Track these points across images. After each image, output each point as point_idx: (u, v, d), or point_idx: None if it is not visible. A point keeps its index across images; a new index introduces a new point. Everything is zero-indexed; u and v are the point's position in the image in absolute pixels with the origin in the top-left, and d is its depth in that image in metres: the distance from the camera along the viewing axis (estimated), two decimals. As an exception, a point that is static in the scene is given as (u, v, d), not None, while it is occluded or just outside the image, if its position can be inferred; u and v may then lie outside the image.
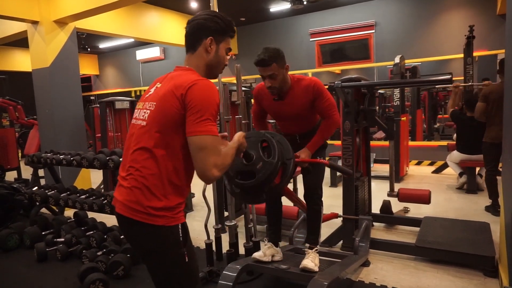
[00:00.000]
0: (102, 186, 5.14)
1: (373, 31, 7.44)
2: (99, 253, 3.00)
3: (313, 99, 2.30)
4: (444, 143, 6.37)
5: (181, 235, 1.32)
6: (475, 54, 5.40)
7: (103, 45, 10.63)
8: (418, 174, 6.08)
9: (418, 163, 6.85)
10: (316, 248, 2.39)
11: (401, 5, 7.21)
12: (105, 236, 3.29)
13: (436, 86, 7.40)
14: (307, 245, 2.47)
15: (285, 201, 2.80)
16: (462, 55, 5.42)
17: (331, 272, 2.24)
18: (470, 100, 4.53)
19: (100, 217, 3.60)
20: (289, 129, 2.49)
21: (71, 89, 5.06)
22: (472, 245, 2.76)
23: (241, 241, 2.86)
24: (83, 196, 3.58)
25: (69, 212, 4.45)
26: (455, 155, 4.80)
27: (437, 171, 5.95)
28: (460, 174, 4.82)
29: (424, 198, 3.42)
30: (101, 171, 4.62)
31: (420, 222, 3.28)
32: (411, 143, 6.55)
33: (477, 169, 4.74)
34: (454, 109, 4.71)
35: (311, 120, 2.48)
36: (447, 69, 7.57)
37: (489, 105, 3.75)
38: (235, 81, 2.70)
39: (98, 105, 5.10)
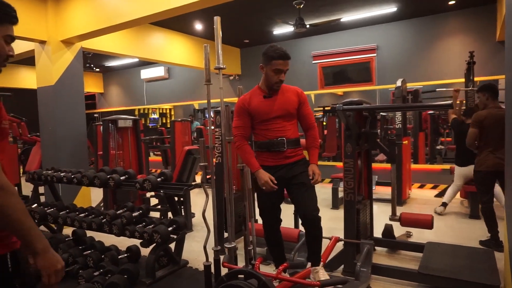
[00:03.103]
0: (102, 204, 5.11)
1: (375, 54, 7.54)
2: (95, 274, 2.94)
3: (300, 102, 2.45)
4: (447, 166, 6.33)
5: (10, 265, 1.12)
6: (476, 79, 5.44)
7: (108, 63, 10.80)
8: (421, 197, 6.02)
9: (421, 186, 6.80)
10: (323, 263, 2.37)
11: (402, 30, 7.34)
12: (102, 256, 3.24)
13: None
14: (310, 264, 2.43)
15: (287, 223, 2.76)
16: (463, 80, 5.47)
17: (331, 298, 2.18)
18: (470, 110, 4.49)
19: (98, 236, 3.56)
20: (277, 133, 2.41)
21: (75, 107, 5.11)
22: (476, 273, 2.70)
23: (241, 263, 2.81)
24: (82, 215, 3.56)
25: (68, 230, 4.40)
26: (457, 172, 4.73)
27: (440, 194, 5.89)
28: (444, 205, 4.86)
29: (426, 223, 3.37)
30: (102, 189, 4.61)
31: (423, 248, 3.22)
32: (413, 166, 6.52)
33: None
34: (455, 118, 4.65)
35: (295, 127, 2.50)
36: (449, 93, 7.62)
37: (483, 131, 3.60)
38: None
39: (101, 123, 5.13)
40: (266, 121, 2.41)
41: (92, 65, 10.02)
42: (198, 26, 7.36)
